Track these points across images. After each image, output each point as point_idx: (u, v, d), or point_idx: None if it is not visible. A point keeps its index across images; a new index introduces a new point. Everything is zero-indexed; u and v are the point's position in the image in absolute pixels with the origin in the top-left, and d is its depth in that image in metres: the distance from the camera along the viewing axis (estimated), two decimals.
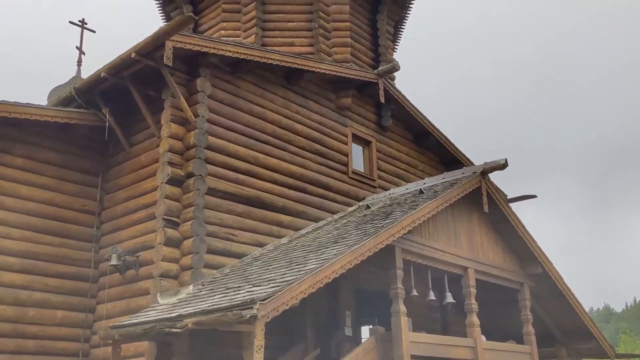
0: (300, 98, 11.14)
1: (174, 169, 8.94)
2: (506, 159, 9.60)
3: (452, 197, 9.06)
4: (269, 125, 10.34)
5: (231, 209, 9.31)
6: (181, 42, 8.77)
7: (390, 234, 7.75)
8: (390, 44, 14.63)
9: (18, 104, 9.19)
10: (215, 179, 9.19)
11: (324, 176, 11.11)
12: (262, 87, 10.45)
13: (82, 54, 15.37)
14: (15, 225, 9.25)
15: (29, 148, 9.62)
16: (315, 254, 7.66)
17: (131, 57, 8.68)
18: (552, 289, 10.95)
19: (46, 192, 9.65)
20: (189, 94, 9.36)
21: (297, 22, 13.21)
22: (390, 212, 8.89)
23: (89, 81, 9.61)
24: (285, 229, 10.02)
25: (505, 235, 10.44)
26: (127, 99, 9.46)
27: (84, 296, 9.69)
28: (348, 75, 11.71)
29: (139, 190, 9.59)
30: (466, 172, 10.15)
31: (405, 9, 15.19)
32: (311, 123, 11.18)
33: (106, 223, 10.04)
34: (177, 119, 9.15)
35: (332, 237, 8.61)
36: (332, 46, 13.22)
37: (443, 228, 9.24)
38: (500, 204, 10.17)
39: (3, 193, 9.22)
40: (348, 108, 12.01)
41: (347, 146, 11.81)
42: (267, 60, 10.11)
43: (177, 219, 8.82)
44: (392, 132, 13.02)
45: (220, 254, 8.95)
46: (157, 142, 9.32)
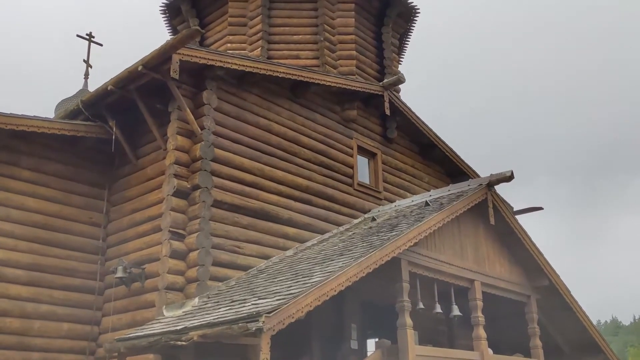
0: (306, 110, 11.17)
1: (180, 181, 8.96)
2: (512, 171, 9.59)
3: (458, 209, 9.04)
4: (274, 137, 10.38)
5: (237, 221, 9.32)
6: (188, 55, 8.84)
7: (396, 247, 7.74)
8: (395, 57, 14.69)
9: (26, 117, 9.26)
10: (221, 191, 9.21)
11: (330, 188, 11.12)
12: (267, 99, 10.50)
13: (89, 67, 15.48)
14: (22, 238, 9.28)
15: (36, 160, 9.67)
16: (320, 266, 7.65)
17: (138, 70, 8.74)
18: (559, 302, 10.88)
19: (53, 205, 9.68)
20: (195, 106, 9.41)
21: (302, 35, 13.29)
22: (396, 225, 8.88)
23: (96, 94, 9.67)
24: (290, 241, 10.02)
25: (512, 248, 10.40)
26: (133, 111, 9.51)
27: (89, 309, 9.68)
28: (353, 88, 11.74)
29: (145, 202, 9.61)
30: (472, 184, 10.14)
31: (411, 22, 15.25)
32: (317, 135, 11.21)
33: (112, 235, 10.06)
34: (183, 131, 9.20)
35: (338, 249, 8.59)
36: (338, 59, 13.28)
37: (449, 240, 9.22)
38: (506, 216, 10.14)
39: (10, 205, 9.26)
40: (353, 120, 12.04)
41: (352, 158, 11.83)
42: (273, 73, 10.16)
43: (183, 231, 8.83)
44: (397, 144, 13.03)
45: (226, 267, 8.95)
46: (163, 155, 9.36)
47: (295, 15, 13.40)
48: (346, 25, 13.59)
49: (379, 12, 14.59)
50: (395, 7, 14.54)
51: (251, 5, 13.35)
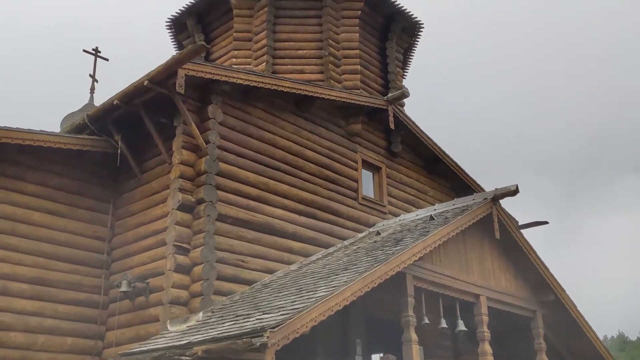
0: (311, 124, 11.21)
1: (184, 195, 8.98)
2: (517, 185, 9.58)
3: (463, 223, 9.02)
4: (279, 151, 10.40)
5: (241, 235, 9.31)
6: (193, 70, 8.89)
7: (401, 261, 7.71)
8: (399, 71, 14.74)
9: (32, 131, 9.31)
10: (226, 205, 9.22)
11: (334, 202, 11.11)
12: (272, 113, 10.54)
13: (95, 81, 15.58)
14: (27, 252, 9.28)
15: (42, 175, 9.70)
16: (325, 280, 7.62)
17: (144, 85, 8.80)
18: (565, 317, 10.80)
19: (58, 219, 9.70)
20: (200, 120, 9.45)
21: (307, 50, 13.36)
22: (401, 239, 8.86)
23: (102, 108, 9.73)
24: (295, 255, 10.00)
25: (517, 262, 10.35)
26: (138, 125, 9.56)
27: (93, 323, 9.66)
28: (358, 102, 11.78)
29: (150, 216, 9.62)
30: (477, 198, 10.12)
31: (415, 37, 15.32)
32: (321, 149, 11.23)
33: (117, 249, 10.06)
34: (188, 145, 9.23)
35: (342, 263, 8.57)
36: (342, 73, 13.34)
37: (454, 255, 9.19)
38: (511, 230, 10.11)
39: (16, 219, 9.28)
40: (358, 134, 12.06)
41: (357, 172, 11.83)
42: (278, 87, 10.21)
43: (188, 246, 8.83)
44: (402, 158, 13.04)
45: (230, 281, 8.92)
46: (168, 169, 9.39)
47: (300, 31, 13.49)
48: (350, 40, 13.66)
49: (383, 27, 14.67)
50: (400, 22, 14.61)
51: (256, 20, 13.45)
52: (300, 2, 13.67)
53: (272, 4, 13.38)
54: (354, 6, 13.77)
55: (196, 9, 14.39)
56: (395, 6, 14.38)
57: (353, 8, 13.77)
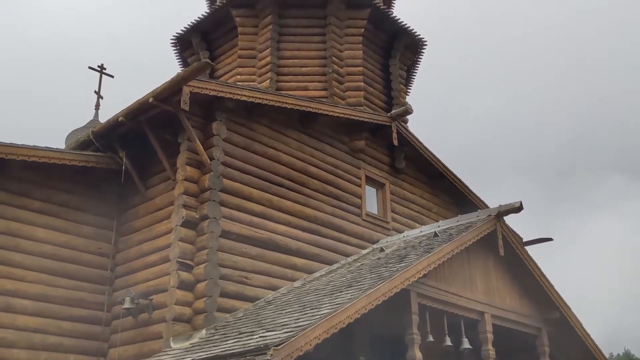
0: (314, 141, 11.24)
1: (188, 211, 8.99)
2: (521, 202, 9.57)
3: (467, 240, 9.00)
4: (283, 167, 10.42)
5: (245, 251, 9.31)
6: (198, 88, 8.95)
7: (405, 278, 7.69)
8: (402, 88, 14.80)
9: (37, 148, 9.36)
10: (230, 221, 9.23)
11: (338, 218, 11.10)
12: (276, 130, 10.58)
13: (100, 98, 15.68)
14: (31, 268, 9.28)
15: (46, 191, 9.73)
16: (329, 298, 7.59)
17: (149, 102, 8.86)
18: (570, 335, 10.71)
19: (62, 235, 9.71)
20: (204, 137, 9.49)
21: (311, 67, 13.44)
22: (405, 256, 8.84)
23: (107, 125, 9.79)
24: (299, 272, 9.97)
25: (522, 279, 10.30)
26: (143, 142, 9.61)
27: (96, 340, 9.62)
28: (361, 119, 11.82)
29: (154, 232, 9.63)
30: (481, 214, 10.10)
31: (418, 54, 15.40)
32: (325, 165, 11.25)
33: (121, 265, 10.06)
34: (192, 162, 9.26)
35: (346, 280, 8.54)
36: (346, 90, 13.39)
37: (458, 272, 9.15)
38: (515, 247, 10.08)
39: (20, 236, 9.29)
40: (362, 151, 12.08)
41: (360, 188, 11.83)
42: (282, 104, 10.27)
43: (191, 262, 8.82)
44: (405, 174, 13.04)
45: (233, 298, 8.90)
46: (172, 185, 9.41)
47: (304, 48, 13.57)
48: (354, 57, 13.74)
49: (387, 44, 14.75)
50: (403, 39, 14.69)
51: (260, 38, 13.55)
52: (304, 20, 13.78)
53: (276, 22, 13.49)
54: (358, 24, 13.87)
55: (201, 26, 14.52)
56: (399, 24, 14.48)
57: (357, 26, 13.86)
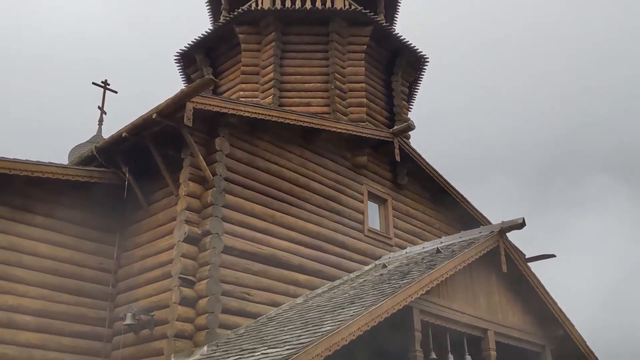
0: (317, 157, 11.26)
1: (191, 227, 8.99)
2: (523, 218, 9.56)
3: (470, 256, 8.97)
4: (285, 183, 10.44)
5: (247, 267, 9.29)
6: (201, 104, 9.00)
7: (407, 295, 7.66)
8: (405, 104, 14.85)
9: (41, 163, 9.40)
10: (232, 237, 9.22)
11: (340, 234, 11.09)
12: (279, 146, 10.61)
13: (103, 113, 15.76)
14: (33, 284, 9.26)
15: (49, 206, 9.74)
16: (331, 314, 7.56)
17: (152, 118, 8.90)
18: (574, 352, 10.62)
19: (65, 251, 9.70)
20: (207, 153, 9.52)
21: (313, 83, 13.50)
22: (408, 272, 8.81)
23: (110, 141, 9.83)
24: (301, 288, 9.94)
25: (525, 296, 10.24)
26: (146, 157, 9.63)
27: (97, 356, 9.55)
28: (363, 135, 11.86)
29: (156, 248, 9.62)
30: (483, 231, 10.09)
31: (420, 71, 15.48)
32: (327, 181, 11.26)
33: (122, 281, 10.03)
34: (195, 177, 9.28)
35: (349, 297, 8.51)
36: (348, 106, 13.45)
37: (461, 288, 9.11)
38: (518, 263, 10.04)
39: (22, 251, 9.29)
40: (364, 166, 12.10)
41: (363, 204, 11.83)
42: (285, 120, 10.31)
43: (193, 278, 8.80)
44: (408, 190, 13.04)
45: (235, 314, 8.87)
46: (175, 201, 9.42)
47: (307, 65, 13.65)
48: (356, 73, 13.80)
49: (389, 60, 14.84)
50: (405, 56, 14.78)
51: (264, 54, 13.64)
52: (307, 37, 13.87)
53: (279, 38, 13.58)
54: (360, 41, 13.95)
55: (204, 43, 14.63)
56: (401, 41, 14.57)
57: (359, 43, 13.95)
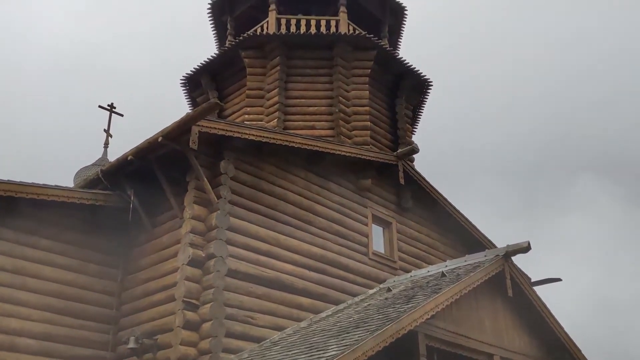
0: (321, 179, 11.28)
1: (195, 250, 8.99)
2: (529, 242, 9.51)
3: (475, 280, 8.92)
4: (289, 206, 10.44)
5: (251, 291, 9.25)
6: (207, 127, 9.06)
7: (412, 319, 7.60)
8: (409, 127, 14.91)
9: (47, 186, 9.45)
10: (236, 260, 9.20)
11: (345, 257, 11.05)
12: (283, 169, 10.64)
13: (109, 136, 15.87)
14: (36, 307, 9.23)
15: (55, 229, 9.75)
16: (336, 339, 7.50)
17: (158, 141, 8.97)
18: None
19: (69, 273, 9.69)
20: (212, 176, 9.55)
21: (318, 106, 13.58)
22: (412, 296, 8.75)
23: (116, 164, 9.89)
24: (305, 311, 9.88)
25: (530, 320, 10.15)
26: (151, 180, 9.67)
27: None
28: (368, 158, 11.89)
29: (160, 271, 9.60)
30: (488, 254, 10.04)
31: (424, 94, 15.57)
32: (332, 204, 11.26)
33: (126, 304, 9.99)
34: (199, 200, 9.30)
35: (353, 321, 8.45)
36: (352, 129, 13.49)
37: (467, 312, 9.03)
38: (524, 287, 9.97)
39: (27, 274, 9.27)
40: (368, 189, 12.10)
41: (367, 227, 11.81)
42: (289, 143, 10.35)
43: (197, 301, 8.77)
44: (412, 213, 13.02)
45: (239, 338, 8.81)
46: (179, 223, 9.43)
47: (311, 88, 13.74)
48: (361, 97, 13.88)
49: (393, 84, 14.93)
50: (408, 80, 14.87)
51: (268, 78, 13.75)
52: (311, 61, 13.99)
53: (284, 62, 13.71)
54: (364, 65, 14.06)
55: (210, 67, 14.77)
56: (405, 65, 14.68)
57: (363, 67, 14.06)
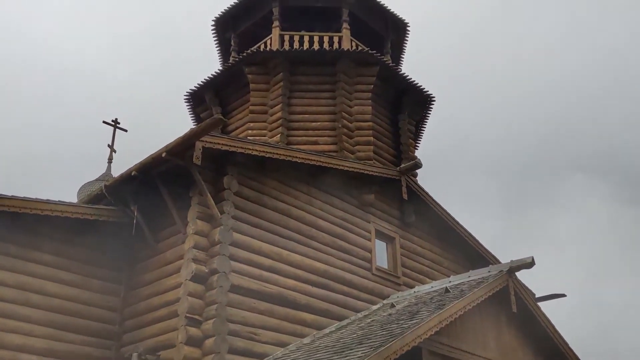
0: (324, 194, 11.28)
1: (198, 265, 8.97)
2: (532, 257, 9.47)
3: (479, 296, 8.87)
4: (292, 221, 10.43)
5: (254, 307, 9.21)
6: (210, 143, 9.09)
7: (416, 335, 7.55)
8: (411, 142, 14.94)
9: (50, 202, 9.47)
10: (239, 275, 9.18)
11: (348, 273, 11.01)
12: (286, 184, 10.65)
13: (113, 152, 15.94)
14: (39, 323, 9.20)
15: (58, 244, 9.76)
16: (339, 356, 7.45)
17: (162, 157, 9.00)
18: None
19: (72, 289, 9.68)
20: (215, 191, 9.56)
21: (321, 122, 13.63)
22: (416, 312, 8.71)
23: (119, 180, 9.91)
24: (308, 327, 9.83)
25: (535, 336, 10.06)
26: (154, 195, 9.69)
27: None
28: (371, 173, 11.90)
29: (163, 287, 9.58)
30: (492, 270, 9.99)
31: (426, 110, 15.62)
32: (334, 219, 11.25)
33: (129, 320, 9.96)
34: (203, 215, 9.30)
35: (357, 337, 8.40)
36: (355, 144, 13.53)
37: (471, 328, 8.97)
38: (528, 303, 9.90)
39: (30, 290, 9.26)
40: (371, 204, 12.09)
41: (370, 242, 11.78)
42: (292, 158, 10.38)
43: (200, 317, 8.73)
44: (415, 228, 12.99)
45: (241, 354, 8.75)
46: (182, 239, 9.42)
47: (314, 104, 13.81)
48: (363, 112, 13.93)
49: (396, 99, 14.99)
50: (411, 95, 14.94)
51: (272, 94, 13.82)
52: (314, 77, 14.07)
53: (287, 78, 13.79)
54: (367, 81, 14.14)
55: (214, 83, 14.87)
56: (407, 80, 14.75)
57: (366, 82, 14.13)
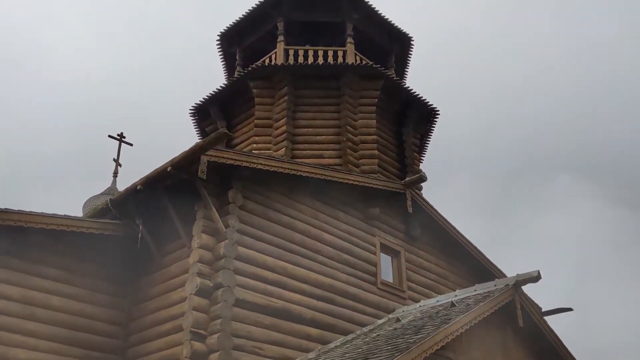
0: (329, 208, 11.27)
1: (203, 279, 8.95)
2: (538, 271, 9.44)
3: (485, 310, 8.82)
4: (297, 235, 10.42)
5: (259, 321, 9.18)
6: (215, 156, 9.13)
7: (422, 350, 7.50)
8: (416, 156, 14.96)
9: (56, 216, 9.49)
10: (244, 290, 9.16)
11: (353, 287, 10.97)
12: (291, 197, 10.65)
13: (118, 165, 15.99)
14: (43, 337, 9.18)
15: (63, 259, 9.76)
16: None
17: (167, 171, 9.03)
18: None
19: (77, 303, 9.67)
20: (220, 205, 9.57)
21: (325, 135, 13.66)
22: (422, 326, 8.66)
23: (125, 193, 9.95)
24: (313, 342, 9.77)
25: (542, 351, 9.99)
26: (159, 209, 9.71)
27: None
28: (375, 186, 11.89)
29: (168, 301, 9.56)
30: (498, 284, 9.95)
31: (431, 123, 15.64)
32: (339, 233, 11.23)
33: (134, 335, 9.93)
34: (208, 229, 9.30)
35: (362, 352, 8.35)
36: (360, 158, 13.54)
37: (477, 343, 8.91)
38: (534, 317, 9.84)
39: (35, 304, 9.25)
40: (376, 218, 12.07)
41: (375, 256, 11.74)
42: (297, 172, 10.39)
43: (204, 332, 8.70)
44: (421, 241, 12.95)
45: None
46: (187, 253, 9.42)
47: (319, 117, 13.85)
48: (368, 126, 13.96)
49: (400, 113, 15.03)
50: (416, 109, 14.98)
51: (277, 108, 13.88)
52: (319, 91, 14.13)
53: (292, 92, 13.85)
54: (371, 94, 14.19)
55: (219, 97, 14.94)
56: (411, 94, 14.80)
57: (370, 96, 14.18)
